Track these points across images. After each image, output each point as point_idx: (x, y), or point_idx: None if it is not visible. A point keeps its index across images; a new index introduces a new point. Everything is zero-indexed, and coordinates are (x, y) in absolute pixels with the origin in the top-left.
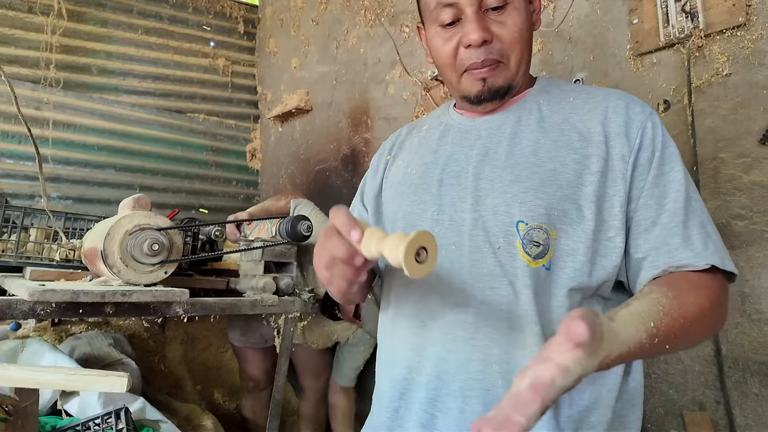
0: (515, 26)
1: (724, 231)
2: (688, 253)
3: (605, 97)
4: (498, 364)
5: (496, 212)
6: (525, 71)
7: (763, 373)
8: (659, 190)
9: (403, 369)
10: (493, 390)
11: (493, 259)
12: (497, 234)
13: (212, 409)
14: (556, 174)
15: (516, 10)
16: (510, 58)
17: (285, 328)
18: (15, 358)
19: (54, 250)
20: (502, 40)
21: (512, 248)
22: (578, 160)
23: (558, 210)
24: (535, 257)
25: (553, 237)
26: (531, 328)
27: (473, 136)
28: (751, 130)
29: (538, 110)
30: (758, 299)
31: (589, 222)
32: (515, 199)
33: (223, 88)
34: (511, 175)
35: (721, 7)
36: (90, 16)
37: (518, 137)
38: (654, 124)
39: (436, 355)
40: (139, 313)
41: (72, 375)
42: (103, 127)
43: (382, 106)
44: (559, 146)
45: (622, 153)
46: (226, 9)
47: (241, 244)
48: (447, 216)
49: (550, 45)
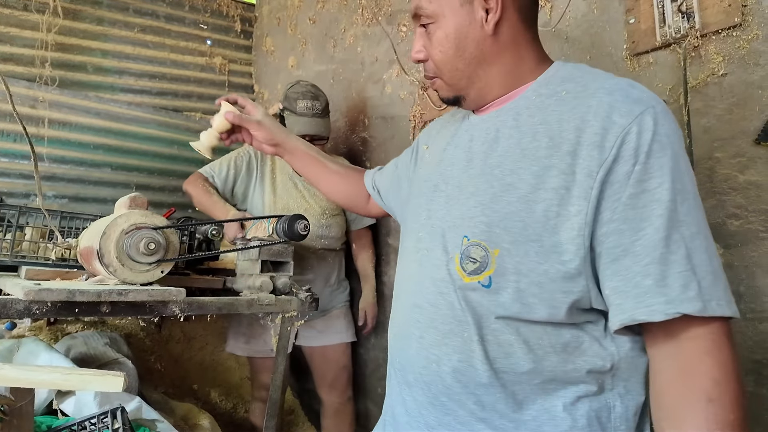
0: (435, 48)
1: (720, 230)
2: (659, 299)
3: (594, 91)
4: (437, 364)
5: (454, 224)
6: (473, 82)
7: (758, 372)
8: (636, 212)
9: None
10: (434, 385)
11: (446, 268)
12: (452, 244)
13: (209, 408)
14: (509, 189)
15: (438, 29)
16: (443, 75)
17: (282, 328)
18: (10, 358)
19: (49, 249)
20: (432, 59)
21: (456, 260)
22: (537, 173)
23: (500, 228)
24: (470, 273)
25: (495, 254)
26: (470, 336)
27: (468, 138)
28: (746, 130)
29: (526, 109)
30: (753, 298)
31: (534, 243)
32: (467, 213)
33: (219, 87)
34: (473, 187)
35: (717, 8)
36: (86, 14)
37: (497, 143)
38: (641, 129)
39: (401, 347)
40: (135, 313)
41: (68, 374)
42: (99, 125)
43: (379, 105)
44: (524, 155)
45: (589, 167)
46: (223, 7)
47: (237, 243)
48: (431, 222)
49: (547, 45)
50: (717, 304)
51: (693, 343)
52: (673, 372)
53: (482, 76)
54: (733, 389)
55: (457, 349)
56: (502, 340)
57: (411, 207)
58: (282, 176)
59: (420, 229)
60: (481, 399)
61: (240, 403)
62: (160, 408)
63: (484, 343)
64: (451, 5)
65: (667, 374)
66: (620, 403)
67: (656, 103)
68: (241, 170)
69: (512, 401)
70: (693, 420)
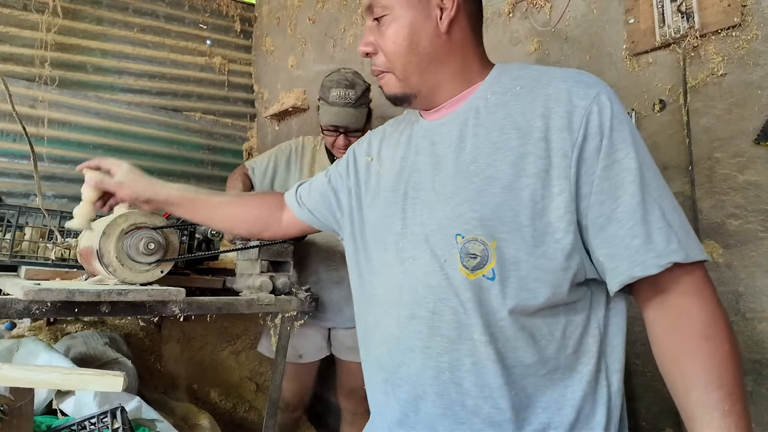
0: (388, 39)
1: (719, 230)
2: (650, 254)
3: (549, 82)
4: (449, 371)
5: (440, 225)
6: (425, 78)
7: (757, 372)
8: (610, 182)
9: (382, 371)
10: (446, 395)
11: (441, 272)
12: (443, 247)
13: (209, 408)
14: (491, 181)
15: (393, 22)
16: (395, 69)
17: (282, 327)
18: (10, 358)
19: (49, 249)
20: (383, 52)
21: (454, 261)
22: (514, 162)
23: (494, 219)
24: (473, 269)
25: (493, 247)
26: (479, 337)
27: (428, 142)
28: (745, 130)
29: (484, 107)
30: (752, 298)
31: (527, 228)
32: (454, 212)
33: (219, 87)
34: (453, 186)
35: (717, 8)
36: (85, 14)
37: (463, 143)
38: (601, 107)
39: (399, 363)
40: (135, 313)
41: (67, 374)
42: (99, 125)
43: (378, 105)
44: (497, 148)
45: (563, 149)
46: (223, 7)
47: (237, 243)
48: (409, 230)
49: (547, 45)
50: (695, 252)
51: (681, 289)
52: (668, 320)
53: (434, 74)
54: (723, 324)
55: (469, 352)
56: (509, 336)
57: (377, 218)
58: (319, 168)
59: (398, 239)
60: (497, 402)
61: (239, 403)
62: (160, 408)
63: (494, 341)
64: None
65: (663, 322)
66: (615, 380)
67: (604, 85)
68: (280, 165)
69: (523, 396)
70: (693, 358)
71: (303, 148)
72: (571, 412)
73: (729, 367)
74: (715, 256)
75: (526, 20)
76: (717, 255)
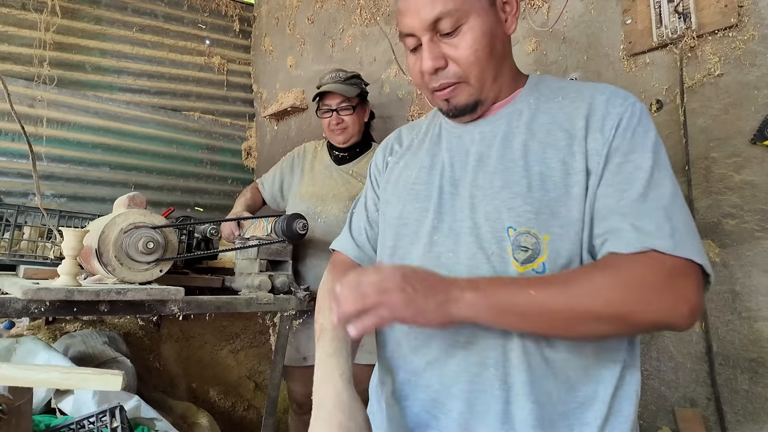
0: (468, 48)
1: (716, 230)
2: (633, 234)
3: (591, 93)
4: (494, 368)
5: (488, 218)
6: (497, 81)
7: (753, 370)
8: (620, 177)
9: (406, 373)
10: (490, 392)
11: (487, 265)
12: (490, 240)
13: (207, 407)
14: (543, 177)
15: (470, 30)
16: (469, 77)
17: (281, 326)
18: (9, 357)
19: (48, 248)
20: (458, 63)
21: (504, 254)
22: (564, 160)
23: (547, 213)
24: (523, 262)
25: (545, 240)
26: None
27: (468, 140)
28: (742, 130)
29: (528, 111)
30: (748, 297)
31: (578, 222)
32: (504, 205)
33: (218, 87)
34: (501, 181)
35: (714, 8)
36: (84, 14)
37: (509, 141)
38: (632, 114)
39: (437, 359)
40: (134, 312)
41: (66, 373)
42: (98, 124)
43: (377, 105)
44: (546, 147)
45: (596, 149)
46: (222, 7)
47: (236, 242)
48: (446, 224)
49: (545, 45)
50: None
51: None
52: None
53: (502, 76)
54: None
55: (519, 344)
56: None
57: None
58: (320, 166)
59: (432, 232)
60: (547, 387)
61: (238, 402)
62: (159, 407)
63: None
64: (482, 4)
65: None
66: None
67: (636, 99)
68: (286, 171)
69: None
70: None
71: (305, 151)
72: (602, 407)
73: (554, 315)
74: (712, 255)
75: (523, 20)
76: (713, 254)
